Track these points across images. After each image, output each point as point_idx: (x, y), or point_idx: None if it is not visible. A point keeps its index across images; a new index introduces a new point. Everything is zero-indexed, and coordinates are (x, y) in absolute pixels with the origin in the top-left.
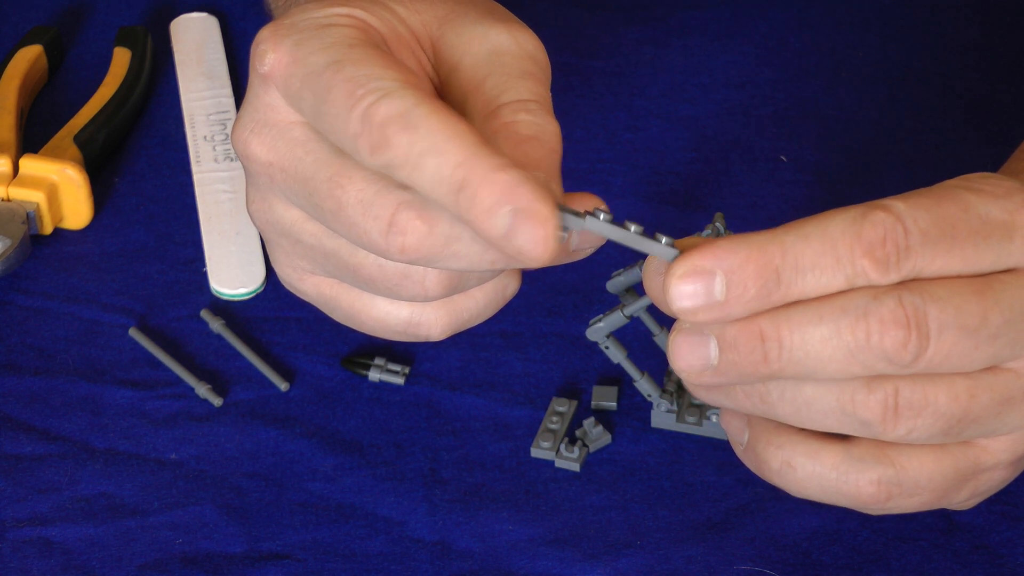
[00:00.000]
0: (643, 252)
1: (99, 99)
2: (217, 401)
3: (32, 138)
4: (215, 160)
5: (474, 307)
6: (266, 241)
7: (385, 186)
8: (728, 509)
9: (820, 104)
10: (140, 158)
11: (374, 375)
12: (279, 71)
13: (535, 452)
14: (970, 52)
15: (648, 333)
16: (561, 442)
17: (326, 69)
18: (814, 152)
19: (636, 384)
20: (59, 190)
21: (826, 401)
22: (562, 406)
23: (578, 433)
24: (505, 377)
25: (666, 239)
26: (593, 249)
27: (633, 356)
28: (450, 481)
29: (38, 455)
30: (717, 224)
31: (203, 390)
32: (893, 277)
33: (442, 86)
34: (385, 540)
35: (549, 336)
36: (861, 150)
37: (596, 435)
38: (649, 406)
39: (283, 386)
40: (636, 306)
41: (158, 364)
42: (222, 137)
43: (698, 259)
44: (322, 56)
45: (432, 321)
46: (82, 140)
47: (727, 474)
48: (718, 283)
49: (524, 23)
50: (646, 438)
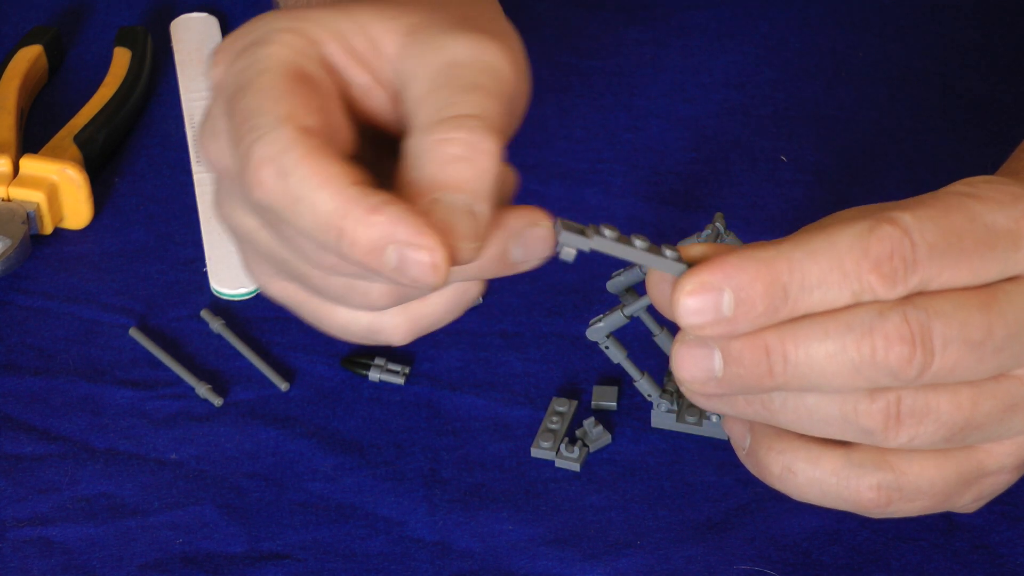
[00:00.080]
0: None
1: (99, 99)
2: (217, 401)
3: (32, 138)
4: None
5: (433, 313)
6: (236, 245)
7: None
8: (728, 509)
9: (820, 104)
10: (140, 158)
11: (374, 375)
12: (218, 85)
13: (535, 452)
14: (970, 52)
15: (648, 333)
16: (561, 442)
17: (236, 93)
18: (814, 152)
19: (636, 384)
20: (59, 190)
21: (828, 410)
22: (562, 406)
23: (578, 433)
24: (505, 377)
25: (672, 252)
26: (541, 262)
27: (633, 356)
28: (450, 481)
29: (38, 455)
30: (717, 224)
31: (203, 390)
32: (900, 291)
33: (400, 98)
34: (385, 540)
35: (549, 336)
36: (861, 150)
37: (596, 435)
38: (649, 406)
39: (283, 386)
40: (636, 306)
41: (158, 364)
42: None
43: (707, 275)
44: (238, 78)
45: (391, 327)
46: (82, 140)
47: (727, 474)
48: (726, 299)
49: (503, 33)
50: (646, 438)
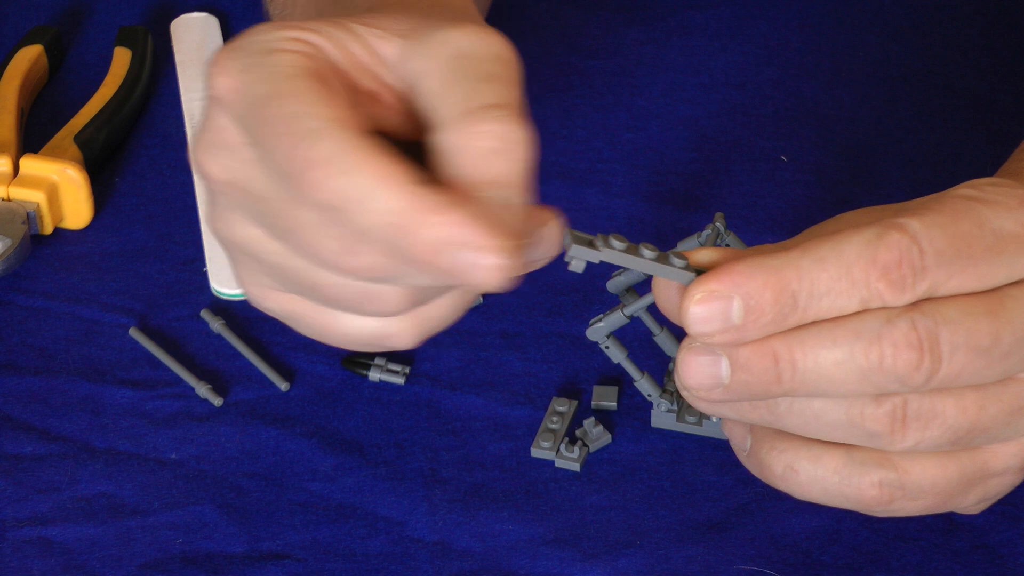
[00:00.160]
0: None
1: (99, 99)
2: (217, 401)
3: (32, 138)
4: None
5: (440, 314)
6: (231, 259)
7: None
8: (728, 509)
9: (820, 104)
10: (140, 158)
11: (374, 375)
12: (227, 96)
13: (535, 452)
14: (970, 52)
15: (648, 333)
16: (561, 442)
17: (266, 101)
18: (814, 152)
19: (636, 384)
20: (59, 190)
21: (834, 414)
22: (562, 406)
23: (578, 433)
24: (505, 377)
25: (680, 261)
26: (548, 261)
27: (633, 356)
28: (450, 481)
29: (38, 455)
30: (717, 224)
31: (203, 390)
32: (908, 298)
33: (411, 99)
34: (385, 540)
35: (549, 336)
36: (861, 150)
37: (596, 435)
38: (649, 406)
39: (283, 386)
40: (636, 306)
41: (158, 364)
42: None
43: (716, 284)
44: (263, 86)
45: (399, 332)
46: (82, 140)
47: (727, 474)
48: (736, 308)
49: (490, 27)
50: (646, 438)
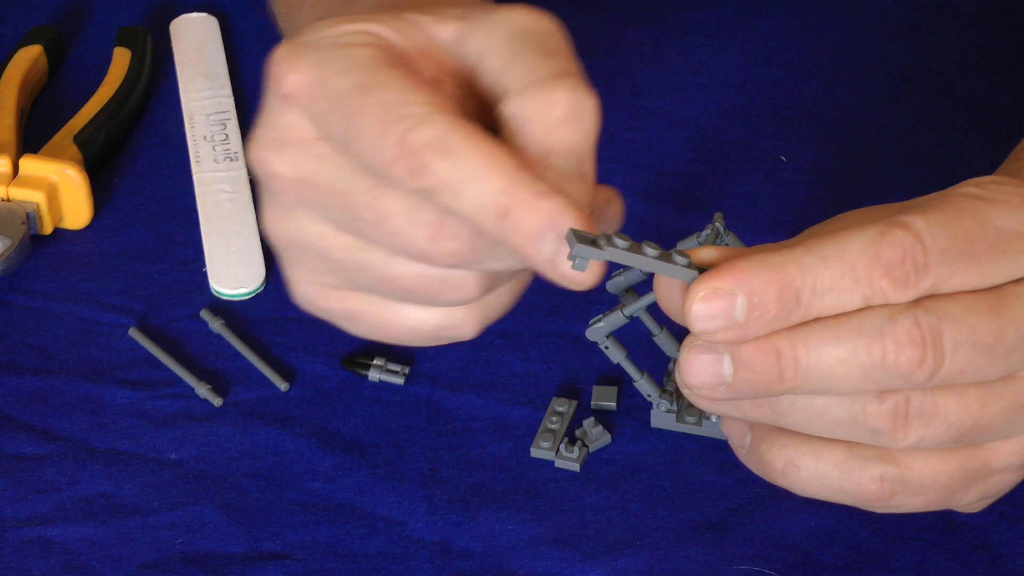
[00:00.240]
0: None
1: (99, 99)
2: (217, 401)
3: (32, 138)
4: (215, 160)
5: (502, 301)
6: (285, 260)
7: None
8: (728, 509)
9: (820, 104)
10: (140, 158)
11: (374, 375)
12: (301, 92)
13: (535, 452)
14: (970, 52)
15: (648, 333)
16: (561, 442)
17: (353, 92)
18: (814, 152)
19: (636, 384)
20: (59, 190)
21: (837, 412)
22: (562, 406)
23: (578, 433)
24: (505, 377)
25: (682, 259)
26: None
27: (633, 356)
28: (450, 481)
29: (38, 455)
30: (717, 224)
31: (203, 390)
32: (911, 295)
33: (470, 79)
34: (385, 540)
35: (549, 336)
36: (861, 150)
37: (596, 435)
38: (649, 406)
39: (283, 386)
40: (636, 306)
41: (158, 364)
42: (222, 137)
43: (719, 281)
44: (346, 78)
45: (463, 322)
46: (82, 140)
47: (727, 474)
48: (739, 305)
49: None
50: (646, 438)
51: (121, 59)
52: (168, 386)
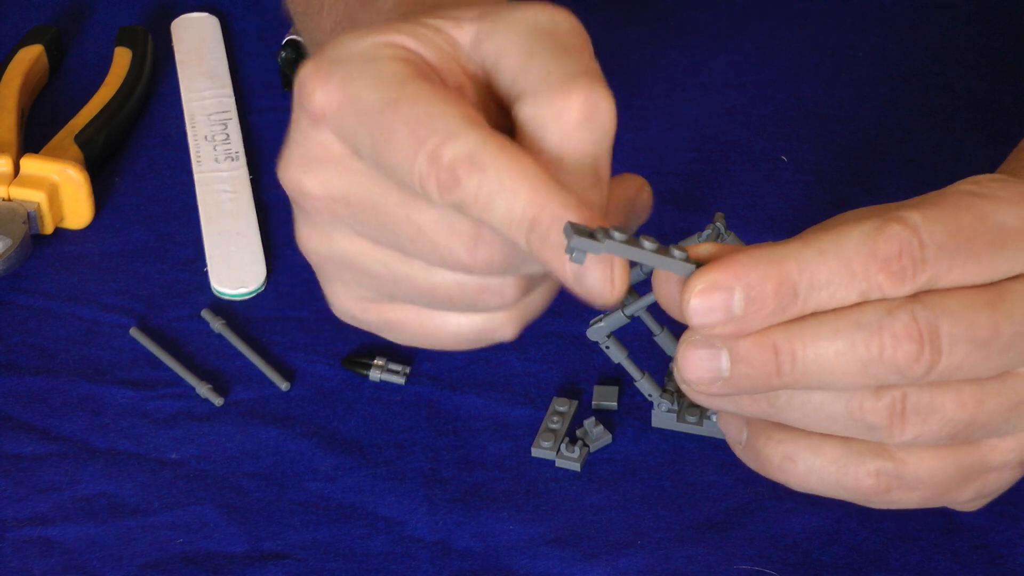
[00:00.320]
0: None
1: (100, 99)
2: (218, 401)
3: (33, 138)
4: (216, 160)
5: (541, 301)
6: (322, 275)
7: None
8: (728, 509)
9: (820, 104)
10: (141, 158)
11: (374, 375)
12: (331, 110)
13: (535, 452)
14: (970, 52)
15: (648, 333)
16: (561, 442)
17: (383, 108)
18: (814, 152)
19: (636, 384)
20: (60, 190)
21: (834, 407)
22: (563, 406)
23: (578, 433)
24: (505, 377)
25: (680, 253)
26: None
27: (633, 356)
28: (450, 481)
29: (38, 455)
30: (717, 224)
31: (204, 390)
32: (908, 290)
33: (489, 80)
34: (385, 540)
35: (549, 336)
36: (861, 150)
37: (596, 435)
38: (649, 406)
39: (283, 386)
40: (637, 306)
41: (158, 364)
42: (223, 137)
43: (717, 275)
44: (375, 94)
45: (504, 324)
46: (83, 140)
47: (727, 474)
48: (737, 299)
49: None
50: (646, 438)
51: (122, 59)
52: (169, 386)
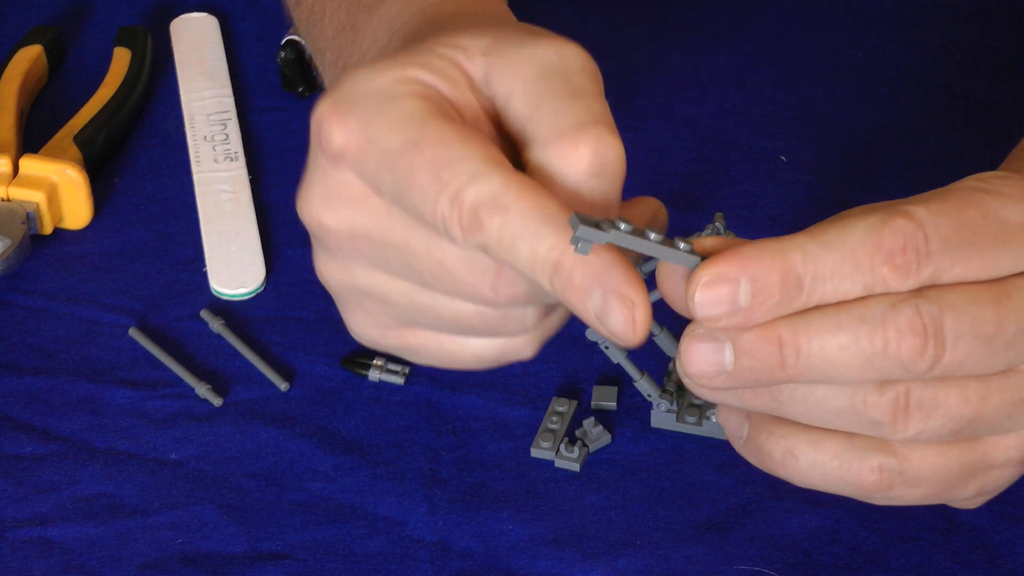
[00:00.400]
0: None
1: (99, 99)
2: (217, 401)
3: (32, 138)
4: (215, 160)
5: (559, 322)
6: (342, 303)
7: None
8: (728, 509)
9: (820, 104)
10: (140, 158)
11: (374, 375)
12: (351, 152)
13: (535, 452)
14: (970, 52)
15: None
16: (561, 442)
17: (404, 151)
18: (814, 152)
19: (636, 384)
20: (59, 190)
21: (838, 402)
22: (562, 406)
23: (578, 433)
24: (505, 377)
25: (685, 245)
26: None
27: (633, 356)
28: (450, 481)
29: (38, 455)
30: (717, 224)
31: (203, 390)
32: (912, 283)
33: (500, 115)
34: (385, 540)
35: None
36: (861, 150)
37: (596, 435)
38: (649, 406)
39: (283, 386)
40: None
41: (158, 364)
42: (222, 137)
43: (723, 266)
44: (396, 136)
45: (524, 345)
46: (82, 140)
47: (727, 474)
48: (743, 290)
49: (566, 37)
50: (646, 438)
51: (121, 59)
52: (168, 386)
